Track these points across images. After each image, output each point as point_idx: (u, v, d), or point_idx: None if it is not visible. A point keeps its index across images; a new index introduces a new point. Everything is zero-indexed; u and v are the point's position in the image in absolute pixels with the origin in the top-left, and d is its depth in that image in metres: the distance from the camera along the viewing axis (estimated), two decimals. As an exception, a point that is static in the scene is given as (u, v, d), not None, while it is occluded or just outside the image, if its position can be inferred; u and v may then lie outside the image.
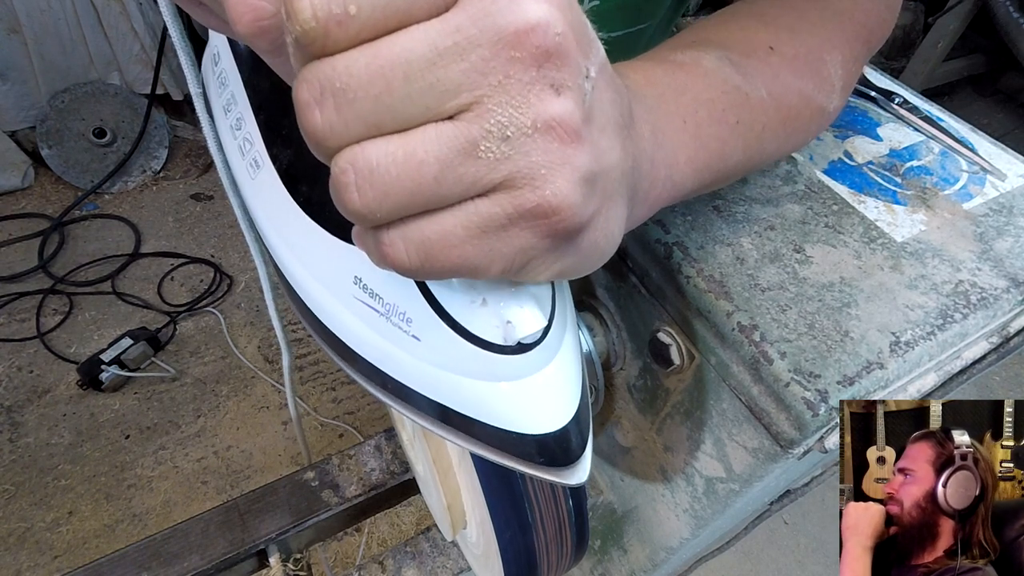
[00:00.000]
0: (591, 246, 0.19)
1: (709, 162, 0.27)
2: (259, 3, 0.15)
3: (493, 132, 0.15)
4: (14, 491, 1.32)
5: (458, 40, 0.14)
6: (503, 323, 0.21)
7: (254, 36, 0.16)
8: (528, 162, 0.16)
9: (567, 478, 0.22)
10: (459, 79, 0.15)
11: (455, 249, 0.16)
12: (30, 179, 1.90)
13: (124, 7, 1.77)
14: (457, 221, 0.16)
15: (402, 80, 0.14)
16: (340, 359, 0.25)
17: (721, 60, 0.28)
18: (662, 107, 0.25)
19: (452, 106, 0.15)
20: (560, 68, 0.15)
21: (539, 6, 0.14)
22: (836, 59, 0.32)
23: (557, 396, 0.22)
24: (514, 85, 0.15)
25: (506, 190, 0.16)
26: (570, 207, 0.16)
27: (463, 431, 0.22)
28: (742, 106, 0.28)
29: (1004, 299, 0.34)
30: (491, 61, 0.14)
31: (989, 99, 2.60)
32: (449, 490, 0.44)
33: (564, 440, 0.22)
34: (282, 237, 0.27)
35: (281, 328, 0.43)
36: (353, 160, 0.15)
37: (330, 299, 0.24)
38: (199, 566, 0.52)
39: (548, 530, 0.38)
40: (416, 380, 0.22)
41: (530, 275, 0.19)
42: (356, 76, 0.14)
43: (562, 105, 0.15)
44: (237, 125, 0.31)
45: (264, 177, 0.28)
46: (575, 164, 0.16)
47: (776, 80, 0.30)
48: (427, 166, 0.15)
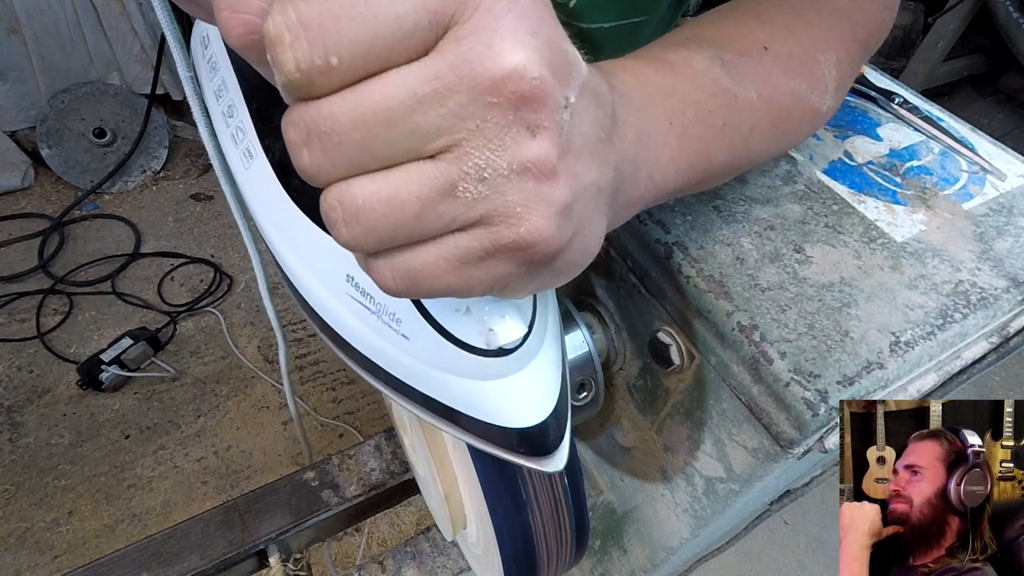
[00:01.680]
0: (567, 264, 0.20)
1: (693, 163, 0.27)
2: (249, 18, 0.16)
3: (471, 174, 0.16)
4: (14, 491, 1.32)
5: (437, 87, 0.15)
6: (485, 331, 0.22)
7: (244, 48, 0.16)
8: (504, 201, 0.16)
9: (546, 465, 0.24)
10: (438, 123, 0.15)
11: (437, 279, 0.18)
12: (30, 179, 1.90)
13: (124, 7, 1.77)
14: (439, 253, 0.17)
15: (383, 125, 0.15)
16: (336, 347, 0.27)
17: (712, 60, 0.29)
18: (648, 109, 0.25)
19: (432, 148, 0.16)
20: (536, 110, 0.16)
21: (515, 53, 0.15)
22: (831, 59, 0.32)
23: (537, 393, 0.24)
24: (491, 129, 0.15)
25: (484, 226, 0.17)
26: (545, 240, 0.17)
27: (451, 421, 0.24)
28: (730, 108, 0.28)
29: (1004, 299, 0.34)
30: (469, 107, 0.15)
31: (989, 99, 2.60)
32: (449, 489, 0.44)
33: (543, 433, 0.24)
34: (277, 230, 0.28)
35: (279, 328, 0.43)
36: (340, 197, 0.16)
37: (325, 293, 0.25)
38: (199, 566, 0.52)
39: (548, 530, 0.38)
40: (407, 373, 0.24)
41: (509, 294, 0.20)
42: (340, 121, 0.15)
43: (538, 146, 0.16)
44: (229, 112, 0.31)
45: (258, 168, 0.29)
46: (550, 199, 0.17)
47: (768, 81, 0.30)
48: (409, 205, 0.16)
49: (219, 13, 0.16)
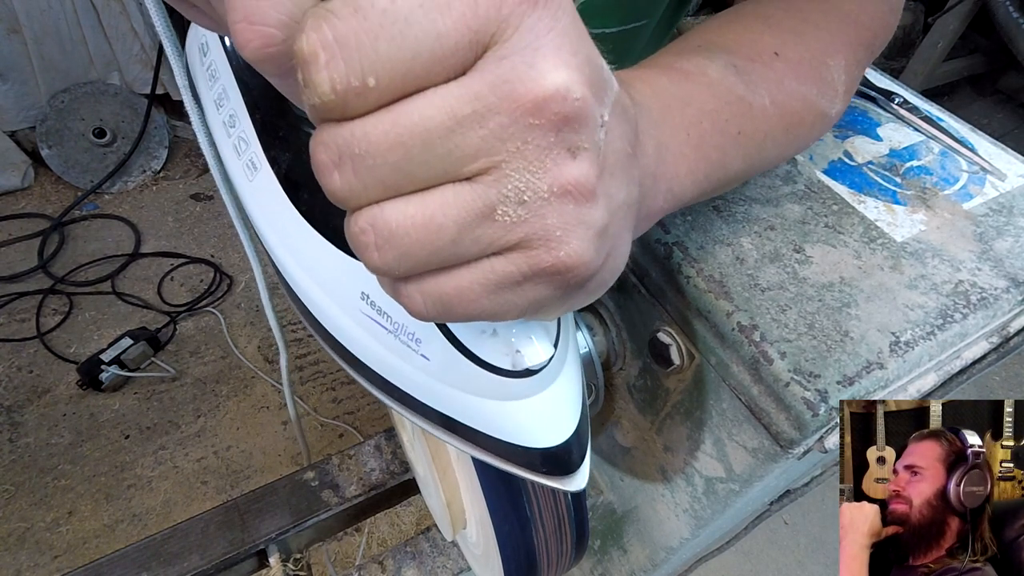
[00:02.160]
0: (598, 285, 0.20)
1: (709, 172, 0.27)
2: (268, 30, 0.15)
3: (510, 197, 0.15)
4: (14, 491, 1.32)
5: (477, 108, 0.14)
6: (513, 352, 0.22)
7: (261, 62, 0.16)
8: (544, 224, 0.16)
9: (568, 484, 0.24)
10: (478, 145, 0.15)
11: (472, 303, 0.17)
12: (30, 179, 1.90)
13: (124, 7, 1.77)
14: (474, 278, 0.17)
15: (420, 147, 0.14)
16: (345, 363, 0.25)
17: (727, 68, 0.28)
18: (667, 120, 0.25)
19: (470, 170, 0.15)
20: (578, 131, 0.15)
21: (558, 73, 0.14)
22: (839, 63, 0.32)
23: (560, 413, 0.23)
24: (532, 151, 0.15)
25: (522, 250, 0.16)
26: (585, 264, 0.17)
27: (468, 439, 0.23)
28: (745, 116, 0.28)
29: (1004, 299, 0.34)
30: (509, 128, 0.14)
31: (989, 99, 2.60)
32: (449, 489, 0.44)
33: (566, 453, 0.23)
34: (285, 245, 0.27)
35: (279, 329, 0.43)
36: (373, 221, 0.15)
37: (335, 310, 0.24)
38: (199, 566, 0.52)
39: (548, 529, 0.38)
40: (425, 394, 0.23)
41: (542, 317, 0.20)
42: (375, 144, 0.14)
43: (579, 168, 0.16)
44: (231, 122, 0.30)
45: (262, 180, 0.28)
46: (589, 222, 0.16)
47: (780, 87, 0.30)
48: (445, 229, 0.15)
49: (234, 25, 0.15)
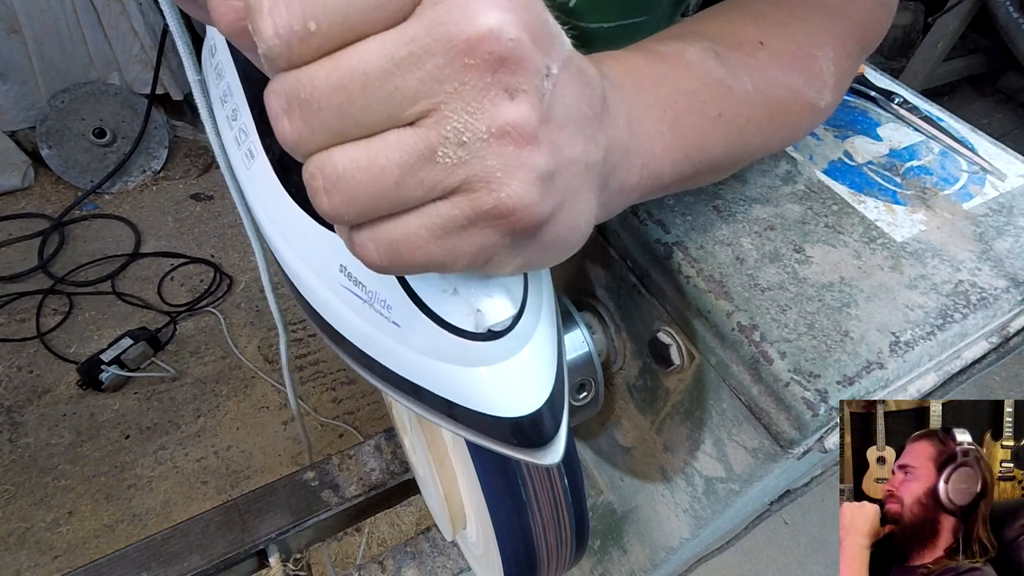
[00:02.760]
0: (554, 239, 0.20)
1: (688, 153, 0.27)
2: (238, 4, 0.16)
3: (450, 138, 0.16)
4: (14, 491, 1.32)
5: (413, 50, 0.15)
6: (473, 311, 0.22)
7: (235, 35, 0.17)
8: (484, 166, 0.16)
9: (541, 458, 0.24)
10: (416, 87, 0.15)
11: (420, 249, 0.17)
12: (30, 179, 1.90)
13: (124, 7, 1.77)
14: (420, 223, 0.17)
15: (361, 90, 0.15)
16: (331, 341, 0.27)
17: (706, 52, 0.28)
18: (640, 96, 0.25)
19: (411, 113, 0.16)
20: (515, 72, 0.16)
21: (491, 13, 0.15)
22: (828, 55, 0.32)
23: (530, 381, 0.23)
24: (469, 92, 0.15)
25: (464, 193, 0.17)
26: (526, 207, 0.17)
27: (444, 413, 0.24)
28: (724, 98, 0.28)
29: (1004, 299, 0.34)
30: (446, 69, 0.15)
31: (989, 99, 2.60)
32: (448, 489, 0.44)
33: (537, 423, 0.23)
34: (276, 226, 0.28)
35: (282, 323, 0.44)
36: (321, 166, 0.16)
37: (320, 285, 0.26)
38: (199, 566, 0.52)
39: (548, 529, 0.38)
40: (398, 363, 0.24)
41: (494, 269, 0.20)
42: (318, 88, 0.15)
43: (516, 109, 0.16)
44: (233, 116, 0.31)
45: (258, 167, 0.29)
46: (531, 165, 0.17)
47: (763, 74, 0.30)
48: (388, 172, 0.16)
49: (211, 2, 0.16)
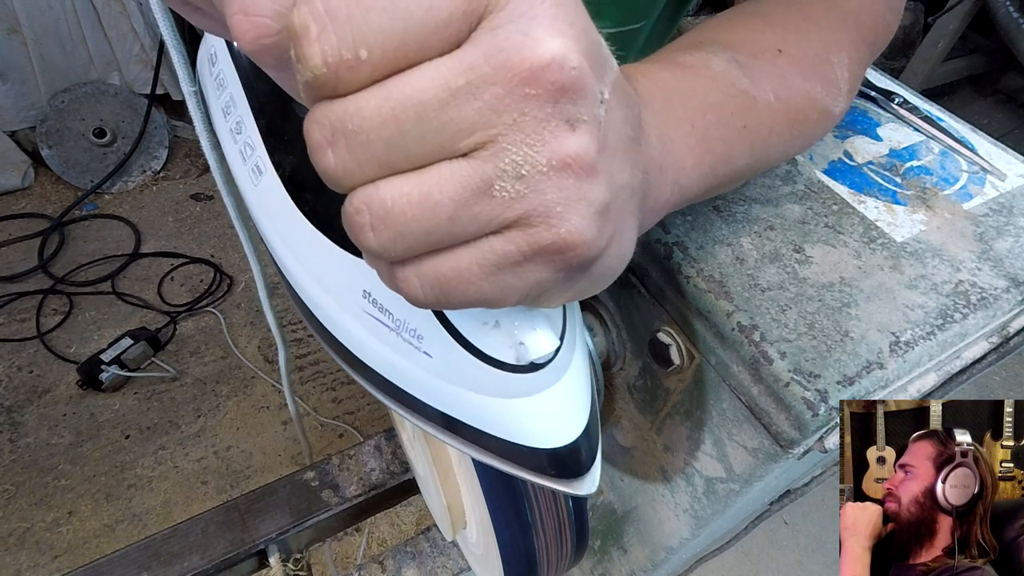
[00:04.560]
0: (605, 270, 0.19)
1: (715, 166, 0.27)
2: (263, 20, 0.15)
3: (508, 171, 0.15)
4: (14, 491, 1.32)
5: (471, 79, 0.14)
6: (516, 344, 0.21)
7: (258, 53, 0.15)
8: (543, 200, 0.15)
9: (577, 488, 0.23)
10: (473, 118, 0.14)
11: (471, 285, 0.16)
12: (30, 179, 1.90)
13: (124, 7, 1.77)
14: (472, 259, 0.16)
15: (415, 121, 0.14)
16: (347, 366, 0.25)
17: (729, 63, 0.28)
18: (669, 112, 0.25)
19: (466, 144, 0.15)
20: (576, 102, 0.15)
21: (554, 41, 0.14)
22: (843, 61, 0.32)
23: (568, 411, 0.22)
24: (529, 123, 0.14)
25: (521, 228, 0.16)
26: (585, 242, 0.16)
27: (473, 442, 0.23)
28: (749, 110, 0.28)
29: (1004, 299, 0.34)
30: (505, 99, 0.14)
31: (989, 99, 2.60)
32: (449, 489, 0.44)
33: (575, 454, 0.22)
34: (288, 246, 0.27)
35: (278, 329, 0.43)
36: (368, 200, 0.15)
37: (338, 310, 0.24)
38: (199, 566, 0.52)
39: (548, 529, 0.38)
40: (427, 393, 0.23)
41: (544, 303, 0.19)
42: (368, 119, 0.14)
43: (578, 141, 0.15)
44: (237, 129, 0.30)
45: (267, 184, 0.28)
46: (590, 199, 0.16)
47: (783, 83, 0.30)
48: (442, 207, 0.15)
49: (231, 17, 0.15)
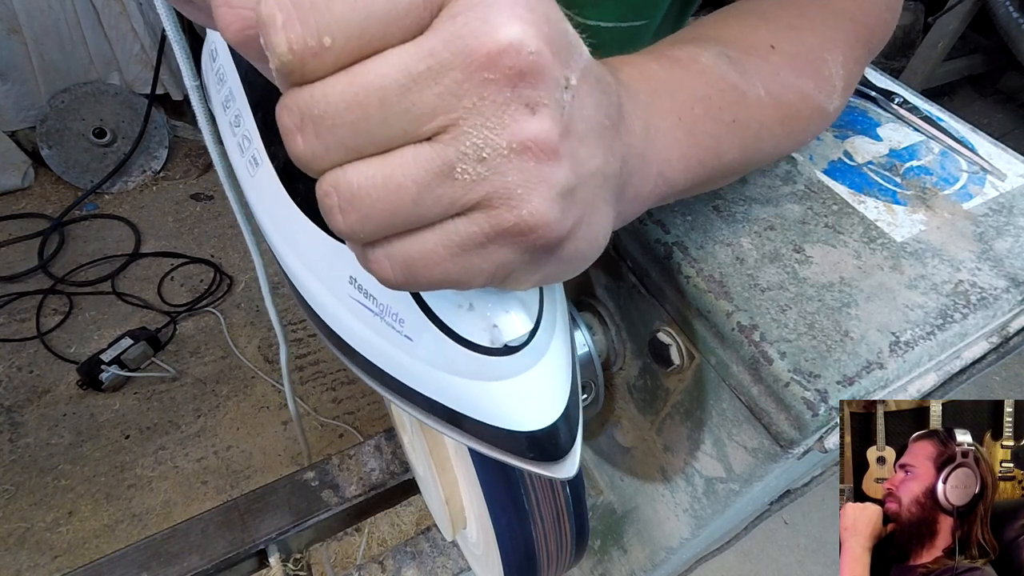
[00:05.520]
0: (574, 254, 0.19)
1: (703, 159, 0.27)
2: (245, 12, 0.15)
3: (469, 154, 0.15)
4: (14, 491, 1.32)
5: (431, 64, 0.14)
6: (489, 327, 0.22)
7: (242, 45, 0.16)
8: (504, 182, 0.16)
9: (556, 472, 0.23)
10: (434, 102, 0.15)
11: (436, 266, 0.17)
12: (30, 179, 1.90)
13: (124, 7, 1.77)
14: (437, 240, 0.17)
15: (378, 106, 0.15)
16: (339, 352, 0.26)
17: (719, 57, 0.28)
18: (655, 103, 0.25)
19: (428, 129, 0.15)
20: (535, 86, 0.15)
21: (511, 26, 0.14)
22: (837, 59, 0.32)
23: (545, 395, 0.23)
24: (488, 107, 0.15)
25: (483, 210, 0.16)
26: (547, 224, 0.17)
27: (456, 426, 0.23)
28: (739, 104, 0.28)
29: (1004, 299, 0.34)
30: (464, 84, 0.15)
31: (989, 99, 2.60)
32: (446, 481, 0.44)
33: (552, 437, 0.23)
34: (282, 235, 0.28)
35: (280, 326, 0.43)
36: (335, 183, 0.16)
37: (328, 296, 0.25)
38: (199, 566, 0.52)
39: (548, 529, 0.38)
40: (410, 377, 0.23)
41: (512, 285, 0.19)
42: (333, 104, 0.15)
43: (538, 124, 0.16)
44: (236, 122, 0.31)
45: (263, 175, 0.29)
46: (551, 181, 0.16)
47: (775, 78, 0.30)
48: (405, 189, 0.16)
49: (216, 10, 0.16)
